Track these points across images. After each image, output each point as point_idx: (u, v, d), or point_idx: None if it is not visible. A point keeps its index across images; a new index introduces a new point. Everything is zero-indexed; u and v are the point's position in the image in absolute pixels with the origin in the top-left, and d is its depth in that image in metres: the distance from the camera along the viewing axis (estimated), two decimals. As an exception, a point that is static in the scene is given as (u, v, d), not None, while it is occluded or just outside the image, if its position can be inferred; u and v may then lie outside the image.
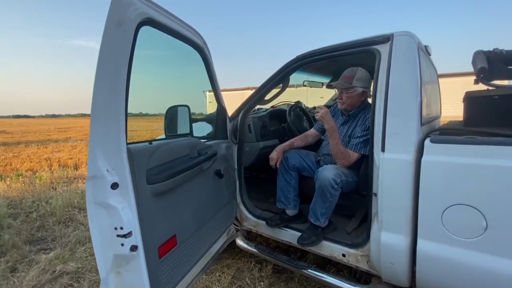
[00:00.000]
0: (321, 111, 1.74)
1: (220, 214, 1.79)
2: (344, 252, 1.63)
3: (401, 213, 1.32)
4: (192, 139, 1.58)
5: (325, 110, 1.74)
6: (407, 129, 1.31)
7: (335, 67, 2.75)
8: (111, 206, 1.02)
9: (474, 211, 1.12)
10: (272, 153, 1.95)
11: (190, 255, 1.43)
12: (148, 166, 1.13)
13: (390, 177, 1.34)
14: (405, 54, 1.38)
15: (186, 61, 1.65)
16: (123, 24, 0.97)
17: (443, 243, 1.21)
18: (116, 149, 1.02)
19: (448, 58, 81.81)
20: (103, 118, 0.99)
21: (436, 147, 1.22)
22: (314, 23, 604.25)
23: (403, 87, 1.35)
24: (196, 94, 7.74)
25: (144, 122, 19.26)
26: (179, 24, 1.34)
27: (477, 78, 1.28)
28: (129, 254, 1.05)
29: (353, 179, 1.75)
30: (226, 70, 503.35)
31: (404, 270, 1.35)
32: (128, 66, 1.02)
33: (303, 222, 1.91)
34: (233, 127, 2.05)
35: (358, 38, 1.60)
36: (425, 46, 1.71)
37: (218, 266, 2.14)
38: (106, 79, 0.98)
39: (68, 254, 2.33)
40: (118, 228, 1.02)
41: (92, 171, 1.01)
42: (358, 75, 1.77)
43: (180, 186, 1.32)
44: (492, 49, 1.25)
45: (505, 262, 1.07)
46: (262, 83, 1.97)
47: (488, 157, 1.09)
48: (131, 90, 1.04)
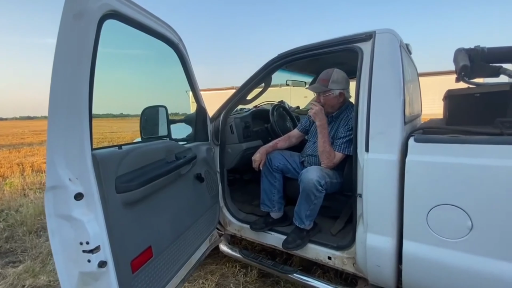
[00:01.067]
0: (316, 108, 1.72)
1: (201, 220, 1.70)
2: (329, 254, 1.60)
3: (386, 215, 1.29)
4: (169, 141, 1.49)
5: (320, 107, 1.73)
6: (391, 129, 1.29)
7: (318, 65, 2.72)
8: (75, 219, 0.92)
9: (459, 211, 1.10)
10: (255, 155, 1.89)
11: (169, 266, 1.34)
12: (117, 173, 1.04)
13: (375, 177, 1.31)
14: (388, 52, 1.35)
15: (169, 60, 1.57)
16: (84, 17, 0.87)
17: (429, 244, 1.18)
18: (80, 155, 0.92)
19: (422, 57, 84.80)
20: (63, 121, 0.89)
21: (421, 147, 1.20)
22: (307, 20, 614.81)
23: (386, 85, 1.32)
24: (179, 94, 7.60)
25: (125, 123, 18.74)
26: (150, 18, 1.25)
27: (458, 76, 1.27)
28: (97, 271, 0.95)
29: (337, 180, 1.71)
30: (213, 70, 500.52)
31: (390, 272, 1.32)
32: (92, 63, 0.92)
33: (288, 225, 1.87)
34: (214, 128, 1.97)
35: (340, 36, 1.57)
36: (406, 44, 1.70)
37: (201, 272, 2.06)
38: (66, 78, 0.88)
39: (39, 267, 2.17)
40: (84, 242, 0.93)
41: (52, 181, 0.91)
42: (334, 77, 1.74)
43: (155, 193, 1.23)
44: (474, 47, 1.25)
45: (490, 262, 1.06)
46: (243, 82, 1.90)
47: (473, 156, 1.07)
48: (111, 91, 0.94)
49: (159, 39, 1.38)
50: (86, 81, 0.90)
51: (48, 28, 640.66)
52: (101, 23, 0.94)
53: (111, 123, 29.95)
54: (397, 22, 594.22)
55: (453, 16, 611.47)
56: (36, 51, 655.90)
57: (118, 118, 48.63)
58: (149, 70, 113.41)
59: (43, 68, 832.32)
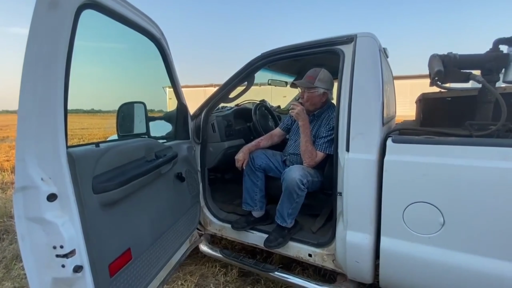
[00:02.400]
0: (297, 108, 1.74)
1: (182, 220, 1.66)
2: (310, 252, 1.63)
3: (365, 212, 1.33)
4: (148, 140, 1.43)
5: (301, 107, 1.76)
6: (370, 129, 1.33)
7: (300, 66, 2.75)
8: (48, 222, 0.86)
9: (432, 208, 1.16)
10: (238, 154, 1.88)
11: (148, 268, 1.29)
12: (94, 172, 0.98)
13: (355, 176, 1.35)
14: (368, 55, 1.39)
15: (146, 54, 1.51)
16: (60, 6, 0.81)
17: (405, 240, 1.24)
18: (53, 153, 0.86)
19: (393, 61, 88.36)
20: (35, 116, 0.83)
21: (398, 147, 1.25)
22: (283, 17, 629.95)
23: (366, 87, 1.36)
24: (155, 90, 7.38)
25: (97, 120, 17.84)
26: (132, 11, 1.19)
27: (432, 81, 1.35)
28: (72, 277, 0.90)
29: (318, 179, 1.75)
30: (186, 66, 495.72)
31: (368, 268, 1.37)
32: (67, 56, 0.86)
33: (270, 223, 1.88)
34: (195, 126, 1.93)
35: (322, 38, 1.59)
36: (384, 48, 1.77)
37: (180, 273, 2.01)
38: (38, 71, 0.82)
39: (2, 272, 2.02)
40: (58, 246, 0.87)
41: (22, 181, 0.84)
42: (320, 76, 1.78)
43: (134, 194, 1.18)
44: (447, 53, 1.32)
45: (460, 256, 1.13)
46: (226, 80, 1.88)
47: (445, 156, 1.14)
48: (80, 85, 0.88)
49: (141, 32, 1.33)
50: (61, 75, 0.84)
51: (16, 16, 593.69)
52: (78, 13, 0.88)
53: (82, 119, 28.37)
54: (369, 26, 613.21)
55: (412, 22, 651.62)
56: (2, 40, 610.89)
57: (89, 114, 46.18)
58: (125, 64, 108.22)
59: (9, 58, 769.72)
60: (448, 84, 1.39)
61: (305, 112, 1.76)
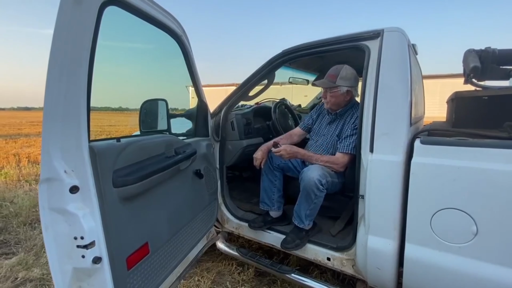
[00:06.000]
0: (283, 152, 1.65)
1: (199, 217, 1.67)
2: (329, 255, 1.57)
3: (389, 217, 1.26)
4: (168, 136, 1.45)
5: (283, 148, 1.66)
6: (397, 130, 1.26)
7: (322, 63, 2.68)
8: (70, 213, 0.89)
9: (465, 215, 1.07)
10: (256, 153, 1.85)
11: (165, 263, 1.31)
12: (115, 166, 1.00)
13: (379, 179, 1.28)
14: (396, 51, 1.32)
15: (171, 53, 1.52)
16: (83, 3, 0.83)
17: (432, 248, 1.16)
18: (76, 147, 0.88)
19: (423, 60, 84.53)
20: (60, 111, 0.85)
21: (427, 149, 1.17)
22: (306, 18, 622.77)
23: (393, 85, 1.29)
24: (179, 89, 7.55)
25: (123, 117, 18.64)
26: (154, 8, 1.21)
27: (467, 78, 1.25)
28: (91, 267, 0.92)
29: (339, 180, 1.69)
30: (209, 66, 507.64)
31: (391, 276, 1.30)
32: (91, 52, 0.88)
33: (287, 224, 1.84)
34: (215, 124, 1.93)
35: (346, 33, 1.53)
36: (413, 44, 1.67)
37: (197, 270, 2.03)
38: (63, 66, 0.84)
39: (32, 259, 2.14)
40: (78, 237, 0.90)
41: (47, 173, 0.87)
42: (342, 74, 1.70)
43: (153, 189, 1.20)
44: (484, 48, 1.22)
45: (493, 269, 1.04)
46: (246, 78, 1.86)
47: (479, 160, 1.05)
48: (108, 85, 0.90)
49: (162, 29, 1.34)
50: (85, 71, 0.86)
51: (50, 19, 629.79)
52: (102, 9, 0.90)
53: (110, 116, 29.79)
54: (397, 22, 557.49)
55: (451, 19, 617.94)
56: (36, 42, 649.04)
57: (116, 111, 48.25)
58: (149, 63, 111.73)
59: (42, 58, 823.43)
60: (484, 82, 1.28)
61: (292, 147, 1.70)
